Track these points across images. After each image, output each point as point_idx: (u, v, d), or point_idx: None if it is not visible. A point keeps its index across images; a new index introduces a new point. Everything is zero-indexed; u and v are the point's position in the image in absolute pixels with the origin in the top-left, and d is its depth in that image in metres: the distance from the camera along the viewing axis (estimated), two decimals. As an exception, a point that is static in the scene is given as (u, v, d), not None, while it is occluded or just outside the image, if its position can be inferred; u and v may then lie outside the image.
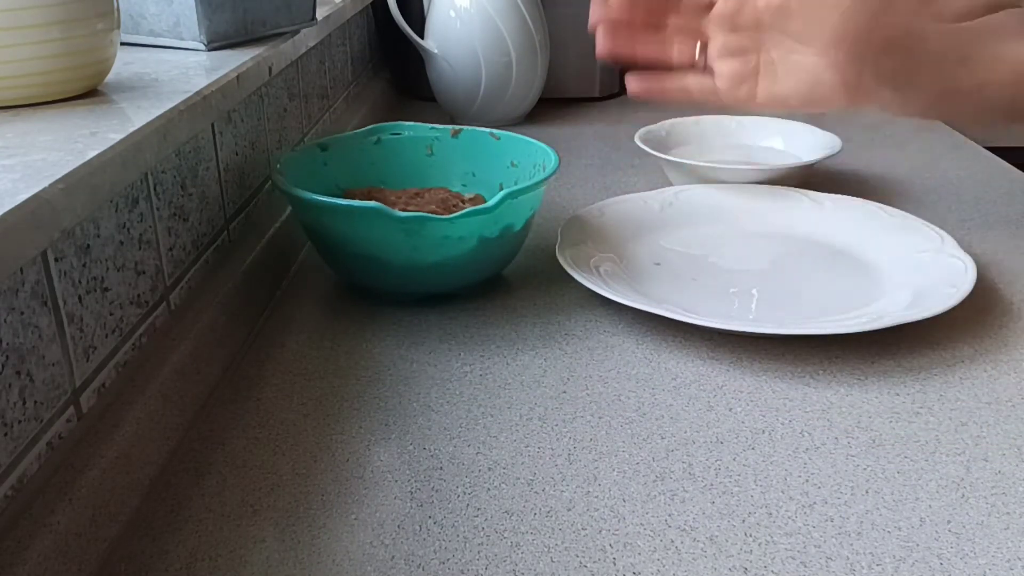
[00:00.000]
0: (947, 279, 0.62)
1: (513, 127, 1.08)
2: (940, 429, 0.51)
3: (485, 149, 0.76)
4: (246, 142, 0.69)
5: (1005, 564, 0.41)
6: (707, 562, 0.41)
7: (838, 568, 0.41)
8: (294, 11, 0.74)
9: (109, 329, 0.47)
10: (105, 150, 0.42)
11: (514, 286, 0.70)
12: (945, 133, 1.10)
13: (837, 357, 0.58)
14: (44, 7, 0.46)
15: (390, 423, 0.52)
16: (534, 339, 0.62)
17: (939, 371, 0.57)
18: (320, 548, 0.43)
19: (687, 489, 0.46)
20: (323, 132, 0.95)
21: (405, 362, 0.59)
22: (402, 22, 1.08)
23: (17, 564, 0.36)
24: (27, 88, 0.49)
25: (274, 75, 0.69)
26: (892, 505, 0.45)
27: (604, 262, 0.69)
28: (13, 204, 0.35)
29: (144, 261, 0.51)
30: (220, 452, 0.50)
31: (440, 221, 0.60)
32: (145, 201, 0.52)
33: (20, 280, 0.39)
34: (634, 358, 0.59)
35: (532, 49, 1.08)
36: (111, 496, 0.43)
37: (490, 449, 0.50)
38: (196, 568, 0.42)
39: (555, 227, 0.73)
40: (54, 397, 0.41)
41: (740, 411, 0.53)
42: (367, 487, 0.47)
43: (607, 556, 0.42)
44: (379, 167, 0.76)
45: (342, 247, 0.64)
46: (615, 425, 0.52)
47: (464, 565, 0.41)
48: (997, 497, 0.45)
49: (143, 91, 0.53)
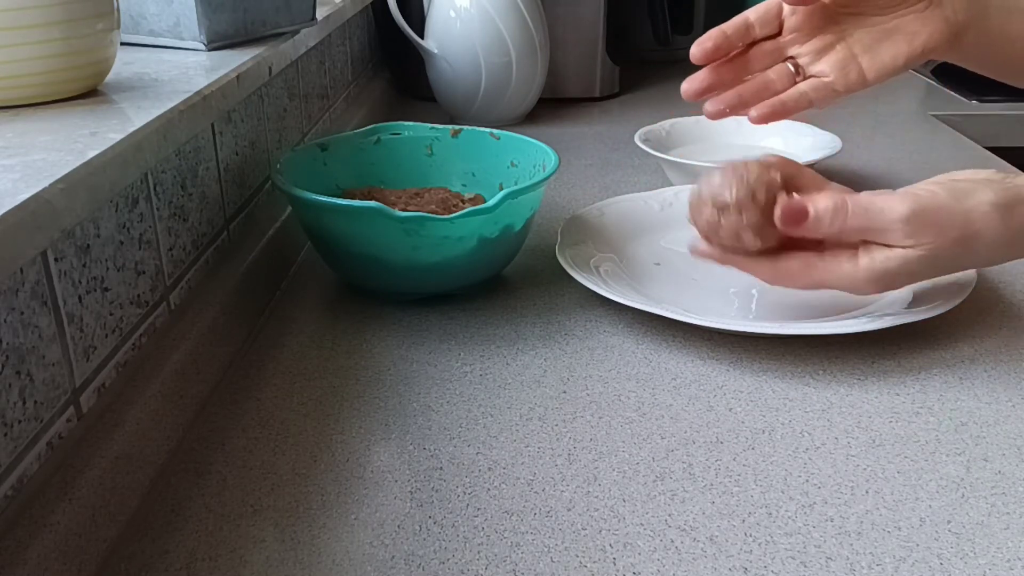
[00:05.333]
0: (947, 279, 0.62)
1: (513, 127, 1.08)
2: (940, 429, 0.51)
3: (485, 149, 0.76)
4: (246, 142, 0.69)
5: (1005, 564, 0.41)
6: (707, 562, 0.41)
7: (838, 568, 0.41)
8: (294, 11, 0.74)
9: (109, 329, 0.47)
10: (105, 150, 0.42)
11: (514, 286, 0.70)
12: (946, 133, 1.10)
13: (837, 357, 0.58)
14: (44, 7, 0.46)
15: (390, 423, 0.52)
16: (534, 339, 0.62)
17: (939, 371, 0.57)
18: (320, 548, 0.43)
19: (687, 489, 0.46)
20: (323, 132, 0.95)
21: (405, 362, 0.59)
22: (402, 22, 1.08)
23: (17, 564, 0.36)
24: (27, 88, 0.49)
25: (274, 75, 0.69)
26: (892, 505, 0.45)
27: (604, 262, 0.69)
28: (13, 204, 0.35)
29: (144, 261, 0.51)
30: (220, 452, 0.50)
31: (440, 221, 0.60)
32: (145, 201, 0.52)
33: (20, 280, 0.39)
34: (634, 358, 0.59)
35: (532, 49, 1.08)
36: (111, 496, 0.43)
37: (490, 449, 0.50)
38: (196, 568, 0.42)
39: (555, 227, 0.73)
40: (54, 397, 0.41)
41: (740, 411, 0.53)
42: (367, 487, 0.47)
43: (607, 556, 0.42)
44: (379, 167, 0.76)
45: (342, 247, 0.64)
46: (615, 425, 0.52)
47: (464, 565, 0.41)
48: (997, 497, 0.45)
49: (143, 91, 0.53)
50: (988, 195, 0.51)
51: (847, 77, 0.62)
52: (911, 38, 0.61)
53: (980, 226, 0.51)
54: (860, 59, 0.62)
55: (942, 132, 1.11)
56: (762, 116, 0.62)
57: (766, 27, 0.63)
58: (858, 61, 0.62)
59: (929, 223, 0.51)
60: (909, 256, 0.51)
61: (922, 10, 0.61)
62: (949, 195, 0.51)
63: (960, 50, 0.63)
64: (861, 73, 0.62)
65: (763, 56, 0.64)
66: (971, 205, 0.51)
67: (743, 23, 0.63)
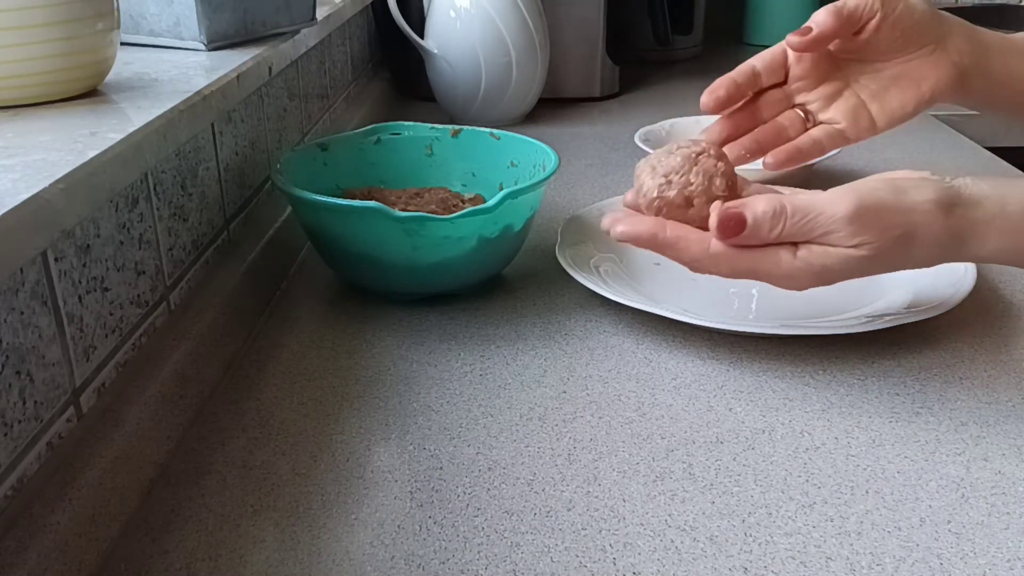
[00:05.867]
0: (947, 279, 0.62)
1: (513, 127, 1.08)
2: (940, 429, 0.51)
3: (485, 149, 0.76)
4: (246, 142, 0.69)
5: (1005, 564, 0.41)
6: (707, 562, 0.41)
7: (838, 568, 0.41)
8: (294, 11, 0.74)
9: (109, 329, 0.47)
10: (105, 150, 0.42)
11: (514, 286, 0.70)
12: (945, 133, 1.10)
13: (837, 357, 0.58)
14: (44, 7, 0.46)
15: (390, 423, 0.52)
16: (534, 339, 0.62)
17: (939, 371, 0.57)
18: (320, 548, 0.43)
19: (687, 489, 0.46)
20: (323, 132, 0.95)
21: (405, 362, 0.59)
22: (402, 22, 1.08)
23: (17, 564, 0.36)
24: (27, 88, 0.49)
25: (274, 75, 0.69)
26: (892, 505, 0.45)
27: (604, 262, 0.69)
28: (13, 204, 0.35)
29: (144, 261, 0.51)
30: (220, 452, 0.50)
31: (440, 221, 0.60)
32: (145, 201, 0.52)
33: (20, 280, 0.39)
34: (634, 358, 0.59)
35: (532, 49, 1.08)
36: (111, 496, 0.43)
37: (490, 449, 0.50)
38: (196, 568, 0.42)
39: (555, 227, 0.73)
40: (54, 397, 0.41)
41: (740, 411, 0.53)
42: (367, 487, 0.47)
43: (607, 556, 0.42)
44: (379, 167, 0.76)
45: (342, 247, 0.64)
46: (615, 425, 0.52)
47: (464, 565, 0.41)
48: (997, 497, 0.45)
49: (143, 91, 0.53)
50: (929, 193, 0.50)
51: (858, 125, 0.62)
52: (918, 84, 0.61)
53: (921, 224, 0.49)
54: (869, 106, 0.62)
55: (942, 132, 1.11)
56: (777, 163, 0.62)
57: (772, 75, 0.63)
58: (867, 108, 0.62)
59: (872, 222, 0.49)
60: (850, 256, 0.50)
61: (928, 54, 0.60)
62: (890, 192, 0.50)
63: (967, 93, 0.62)
64: (871, 121, 0.62)
65: (772, 104, 0.64)
66: (912, 203, 0.49)
67: (750, 70, 0.62)
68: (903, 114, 0.62)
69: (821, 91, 0.63)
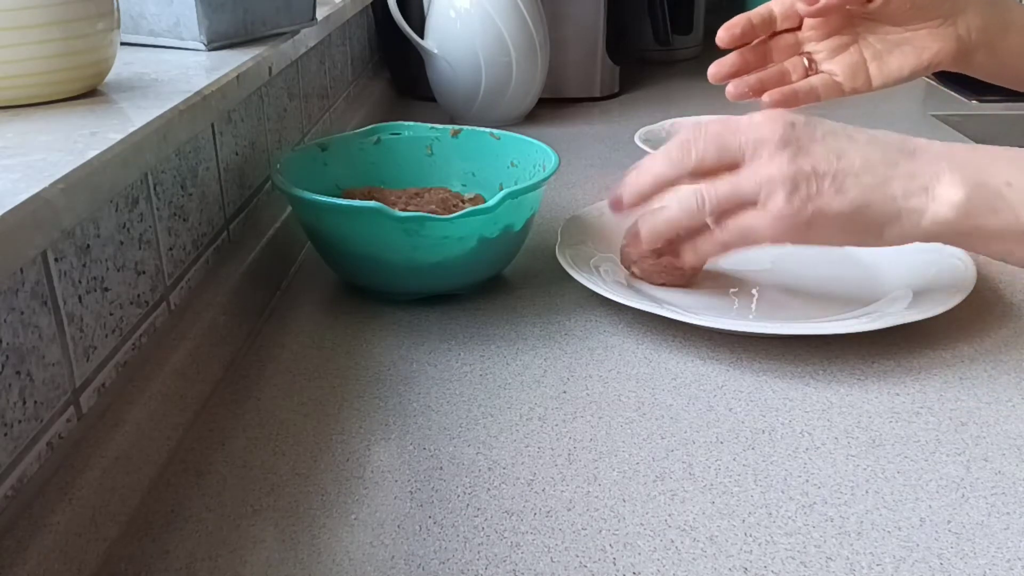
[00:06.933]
0: (947, 279, 0.62)
1: (513, 127, 1.08)
2: (940, 429, 0.51)
3: (485, 149, 0.76)
4: (246, 142, 0.69)
5: (1005, 564, 0.41)
6: (707, 562, 0.41)
7: (838, 568, 0.41)
8: (294, 11, 0.74)
9: (109, 329, 0.47)
10: (105, 150, 0.42)
11: (514, 286, 0.70)
12: (945, 133, 1.10)
13: (837, 357, 0.58)
14: (44, 7, 0.46)
15: (390, 423, 0.52)
16: (534, 339, 0.62)
17: (939, 371, 0.57)
18: (320, 548, 0.43)
19: (687, 489, 0.46)
20: (323, 132, 0.95)
21: (405, 362, 0.59)
22: (402, 22, 1.08)
23: (17, 564, 0.36)
24: (27, 88, 0.49)
25: (274, 75, 0.69)
26: (892, 505, 0.45)
27: (604, 262, 0.69)
28: (13, 204, 0.35)
29: (144, 261, 0.51)
30: (220, 452, 0.50)
31: (440, 221, 0.60)
32: (145, 201, 0.52)
33: (20, 280, 0.39)
34: (634, 358, 0.59)
35: (532, 49, 1.08)
36: (111, 496, 0.43)
37: (490, 449, 0.50)
38: (196, 568, 0.42)
39: (555, 227, 0.73)
40: (54, 397, 0.41)
41: (740, 411, 0.53)
42: (367, 487, 0.47)
43: (607, 556, 0.42)
44: (379, 167, 0.76)
45: (342, 247, 0.64)
46: (615, 425, 0.52)
47: (464, 565, 0.41)
48: (997, 497, 0.45)
49: (143, 91, 0.53)
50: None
51: (854, 80, 0.66)
52: (920, 52, 0.65)
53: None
54: (869, 65, 0.66)
55: (942, 132, 1.11)
56: (774, 102, 0.66)
57: (787, 21, 0.67)
58: (867, 67, 0.66)
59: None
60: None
61: (936, 27, 0.64)
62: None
63: (969, 65, 0.66)
64: (867, 79, 0.66)
65: (782, 49, 0.68)
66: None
67: (768, 13, 0.66)
68: (899, 77, 0.66)
69: (829, 43, 0.66)
